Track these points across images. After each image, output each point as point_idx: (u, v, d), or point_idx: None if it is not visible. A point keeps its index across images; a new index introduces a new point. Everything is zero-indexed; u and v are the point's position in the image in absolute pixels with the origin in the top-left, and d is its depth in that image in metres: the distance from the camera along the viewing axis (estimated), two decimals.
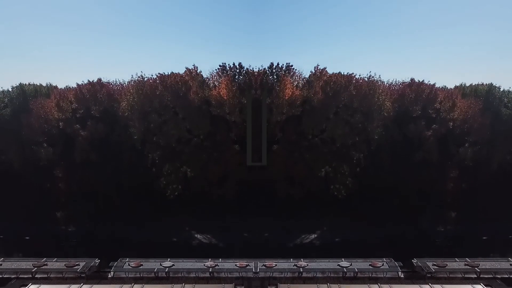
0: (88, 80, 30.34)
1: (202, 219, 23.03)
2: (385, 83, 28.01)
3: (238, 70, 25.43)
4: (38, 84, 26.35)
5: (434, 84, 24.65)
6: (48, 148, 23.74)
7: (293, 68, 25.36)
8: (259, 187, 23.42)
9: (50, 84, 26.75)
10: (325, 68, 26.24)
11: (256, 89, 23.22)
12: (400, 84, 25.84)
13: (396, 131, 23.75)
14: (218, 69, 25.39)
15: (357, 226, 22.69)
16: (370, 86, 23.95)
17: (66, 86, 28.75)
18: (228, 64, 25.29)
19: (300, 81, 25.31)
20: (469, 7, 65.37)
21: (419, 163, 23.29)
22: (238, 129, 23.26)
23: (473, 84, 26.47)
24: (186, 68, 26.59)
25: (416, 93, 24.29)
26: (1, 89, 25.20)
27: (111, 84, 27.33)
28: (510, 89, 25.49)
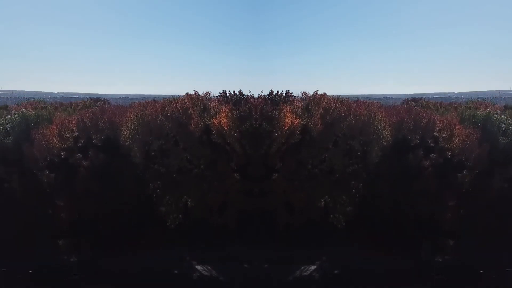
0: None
1: (202, 249, 23.34)
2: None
3: (238, 98, 25.78)
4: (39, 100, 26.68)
5: (432, 113, 24.93)
6: (50, 174, 24.01)
7: (292, 95, 25.73)
8: (259, 216, 23.69)
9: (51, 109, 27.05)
10: (324, 93, 26.71)
11: (256, 119, 23.49)
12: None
13: (395, 160, 23.97)
14: (219, 95, 25.78)
15: (356, 256, 23.00)
16: (369, 114, 24.24)
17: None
18: (229, 91, 25.70)
19: (300, 108, 25.57)
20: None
21: (417, 192, 23.52)
22: (239, 158, 23.49)
23: (472, 110, 26.79)
24: (187, 93, 27.05)
25: (415, 121, 24.54)
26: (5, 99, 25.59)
27: (113, 105, 27.80)
28: (508, 119, 25.81)
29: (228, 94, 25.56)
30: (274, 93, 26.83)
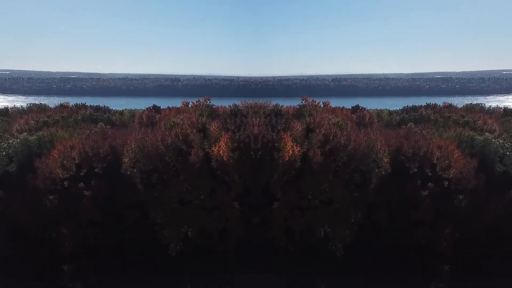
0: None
1: (203, 276, 23.98)
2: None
3: (238, 123, 26.06)
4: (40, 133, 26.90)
5: (430, 142, 25.14)
6: (53, 201, 24.46)
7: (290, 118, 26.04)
8: (259, 243, 24.23)
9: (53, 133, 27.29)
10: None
11: (256, 150, 23.79)
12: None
13: (393, 188, 24.35)
14: (221, 125, 26.03)
15: (355, 282, 23.67)
16: (369, 142, 24.50)
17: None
18: (229, 110, 25.95)
19: (300, 133, 25.82)
20: None
21: (415, 221, 24.00)
22: (238, 188, 23.86)
23: (470, 133, 27.01)
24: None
25: (414, 149, 24.81)
26: (7, 144, 25.85)
27: (115, 128, 28.06)
28: (505, 144, 26.08)
29: (228, 122, 25.69)
30: (275, 111, 27.28)
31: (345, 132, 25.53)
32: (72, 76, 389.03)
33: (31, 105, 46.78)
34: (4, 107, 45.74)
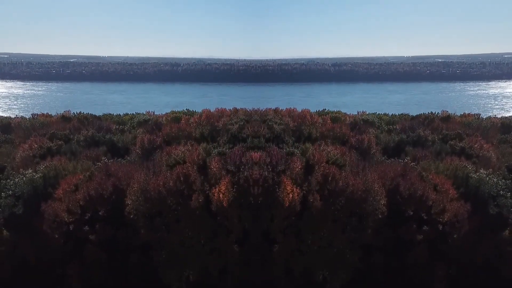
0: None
1: None
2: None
3: (238, 164, 26.56)
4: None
5: (426, 185, 25.74)
6: (59, 241, 25.23)
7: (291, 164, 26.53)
8: (259, 284, 25.07)
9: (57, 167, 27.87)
10: (322, 158, 27.54)
11: (256, 196, 24.39)
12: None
13: (389, 231, 25.07)
14: (221, 165, 26.53)
15: None
16: (366, 185, 25.10)
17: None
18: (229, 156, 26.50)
19: (299, 174, 26.39)
20: None
21: (410, 264, 24.80)
22: (237, 232, 24.56)
23: (466, 172, 27.56)
24: (190, 156, 27.82)
25: (410, 191, 25.42)
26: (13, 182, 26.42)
27: (118, 165, 28.66)
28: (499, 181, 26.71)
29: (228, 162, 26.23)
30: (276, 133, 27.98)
31: (343, 172, 26.08)
32: (71, 60, 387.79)
33: (34, 118, 47.20)
34: (6, 121, 46.19)
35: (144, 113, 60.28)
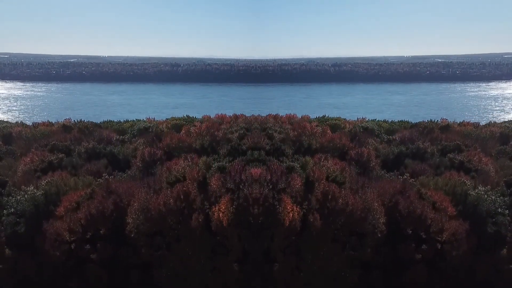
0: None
1: None
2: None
3: (237, 181, 26.74)
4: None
5: (425, 203, 25.95)
6: (61, 258, 25.44)
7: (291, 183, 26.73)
8: None
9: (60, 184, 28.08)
10: (322, 175, 27.77)
11: (256, 215, 24.57)
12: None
13: (388, 250, 25.27)
14: (221, 183, 26.72)
15: None
16: (366, 204, 25.30)
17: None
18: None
19: (299, 192, 26.59)
20: None
21: (409, 283, 25.00)
22: (237, 252, 24.76)
23: (464, 188, 27.74)
24: (190, 173, 28.05)
25: (409, 210, 25.63)
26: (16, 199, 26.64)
27: (119, 181, 28.92)
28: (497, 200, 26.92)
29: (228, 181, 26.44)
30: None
31: (343, 190, 26.26)
32: (72, 60, 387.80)
33: (35, 127, 47.29)
34: (7, 131, 46.33)
35: (145, 119, 60.77)
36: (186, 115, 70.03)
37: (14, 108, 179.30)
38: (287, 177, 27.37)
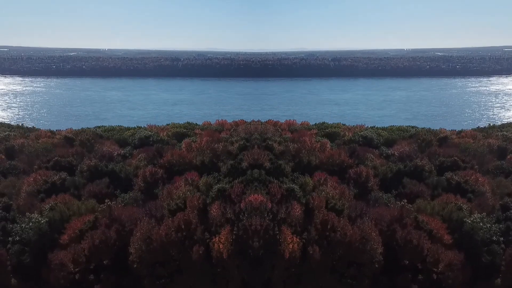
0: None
1: None
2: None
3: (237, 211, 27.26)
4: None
5: (421, 233, 26.48)
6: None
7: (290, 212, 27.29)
8: None
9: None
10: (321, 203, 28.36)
11: (257, 249, 25.06)
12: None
13: (385, 280, 25.84)
14: (221, 212, 27.24)
15: None
16: (364, 235, 25.82)
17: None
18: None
19: (299, 222, 27.12)
20: None
21: None
22: (237, 283, 25.33)
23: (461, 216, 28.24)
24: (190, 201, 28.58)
25: (406, 240, 26.18)
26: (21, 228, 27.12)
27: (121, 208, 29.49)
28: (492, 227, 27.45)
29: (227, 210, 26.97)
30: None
31: (342, 220, 26.78)
32: (71, 54, 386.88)
33: (38, 142, 47.54)
34: (10, 145, 46.69)
35: (145, 126, 61.13)
36: (187, 122, 70.50)
37: (14, 105, 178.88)
38: (287, 206, 27.80)
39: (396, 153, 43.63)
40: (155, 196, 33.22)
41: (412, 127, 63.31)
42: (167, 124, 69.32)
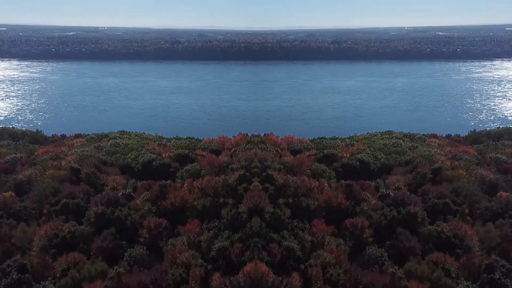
0: None
1: None
2: None
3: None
4: None
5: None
6: None
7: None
8: None
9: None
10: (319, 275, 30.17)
11: None
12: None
13: None
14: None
15: None
16: None
17: None
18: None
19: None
20: None
21: None
22: None
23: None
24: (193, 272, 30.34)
25: None
26: None
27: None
28: None
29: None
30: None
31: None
32: (70, 34, 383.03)
33: (45, 176, 48.87)
34: (19, 180, 48.13)
35: (149, 149, 61.77)
36: (188, 138, 71.90)
37: (12, 94, 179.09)
38: (288, 280, 29.39)
39: (391, 193, 45.20)
40: (160, 250, 35.23)
41: (410, 138, 64.91)
42: (170, 139, 70.70)
